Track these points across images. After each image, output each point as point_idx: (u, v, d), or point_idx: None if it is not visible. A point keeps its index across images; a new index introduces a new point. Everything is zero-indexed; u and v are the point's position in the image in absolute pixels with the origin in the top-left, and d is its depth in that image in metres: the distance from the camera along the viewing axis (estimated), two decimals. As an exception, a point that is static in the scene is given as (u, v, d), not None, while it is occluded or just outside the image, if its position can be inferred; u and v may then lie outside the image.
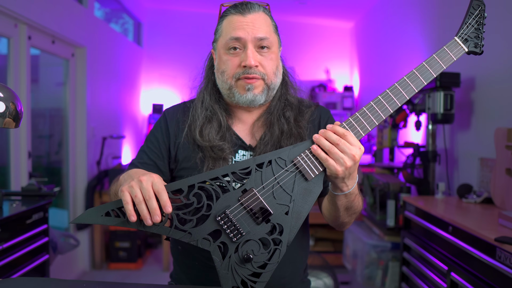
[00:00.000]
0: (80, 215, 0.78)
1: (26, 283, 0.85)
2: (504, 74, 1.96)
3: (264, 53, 1.00)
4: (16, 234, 1.69)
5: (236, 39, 0.98)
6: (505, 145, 1.69)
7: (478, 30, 0.88)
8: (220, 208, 0.81)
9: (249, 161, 0.83)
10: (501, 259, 1.26)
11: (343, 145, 0.81)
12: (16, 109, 0.92)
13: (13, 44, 2.42)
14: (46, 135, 3.13)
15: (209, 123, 1.04)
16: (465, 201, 1.90)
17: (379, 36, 3.95)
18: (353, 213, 0.97)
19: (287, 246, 0.81)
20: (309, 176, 0.83)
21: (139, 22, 4.67)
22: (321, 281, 1.93)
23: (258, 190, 0.82)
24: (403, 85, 0.86)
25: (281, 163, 0.84)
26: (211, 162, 1.00)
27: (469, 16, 0.88)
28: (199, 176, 0.82)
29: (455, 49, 0.87)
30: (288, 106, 1.07)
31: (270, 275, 0.80)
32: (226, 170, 0.82)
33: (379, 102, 0.85)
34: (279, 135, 1.03)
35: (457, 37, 0.88)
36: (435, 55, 0.87)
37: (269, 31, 1.01)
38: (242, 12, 0.99)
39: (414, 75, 0.86)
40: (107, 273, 3.32)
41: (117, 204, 0.79)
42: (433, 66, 0.86)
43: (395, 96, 0.85)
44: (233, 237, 0.80)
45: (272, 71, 1.01)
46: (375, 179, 2.60)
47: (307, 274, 1.18)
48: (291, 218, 0.82)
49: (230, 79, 1.00)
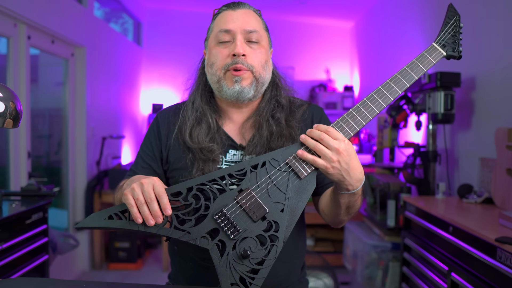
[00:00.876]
0: (84, 219, 0.82)
1: (26, 284, 0.86)
2: (504, 73, 1.96)
3: (253, 46, 1.02)
4: (15, 234, 1.68)
5: (226, 31, 1.01)
6: (505, 145, 1.69)
7: (454, 36, 0.97)
8: (218, 207, 0.84)
9: (244, 163, 0.88)
10: (501, 260, 1.25)
11: (326, 140, 0.84)
12: (15, 109, 0.92)
13: (12, 44, 2.41)
14: (46, 135, 3.13)
15: (198, 125, 1.05)
16: (465, 201, 1.90)
17: (379, 36, 3.95)
18: (352, 212, 0.98)
19: (284, 243, 0.83)
20: (302, 175, 0.87)
21: (139, 21, 4.67)
22: (321, 281, 1.93)
23: (253, 189, 0.86)
24: (387, 87, 0.92)
25: (275, 164, 0.88)
26: (201, 164, 1.01)
27: (445, 24, 0.97)
28: (198, 179, 0.86)
29: (433, 53, 0.95)
30: (278, 107, 1.07)
31: (268, 271, 0.81)
32: (223, 173, 0.87)
33: (365, 104, 0.91)
34: (268, 136, 1.03)
35: (435, 42, 0.97)
36: (415, 59, 0.95)
37: (258, 26, 1.03)
38: (233, 8, 1.03)
39: (397, 78, 0.93)
40: (107, 274, 3.32)
41: (119, 208, 0.84)
42: (414, 69, 0.94)
43: (379, 98, 0.92)
44: (230, 234, 0.82)
45: (260, 63, 1.02)
46: (375, 179, 2.60)
47: (305, 273, 1.17)
48: (286, 215, 0.85)
49: (219, 70, 1.01)
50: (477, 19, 2.18)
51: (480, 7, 2.16)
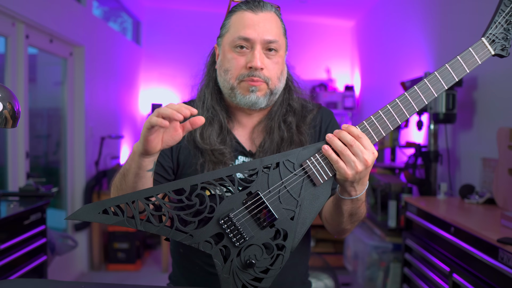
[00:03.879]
0: (76, 211, 0.74)
1: (24, 285, 0.85)
2: (506, 73, 1.95)
3: (271, 56, 0.97)
4: (13, 235, 1.68)
5: (245, 39, 0.95)
6: (507, 145, 1.68)
7: (507, 30, 0.80)
8: (224, 210, 0.78)
9: (255, 162, 0.80)
10: (503, 260, 1.25)
11: (356, 148, 0.77)
12: (13, 109, 0.91)
13: (10, 43, 2.40)
14: (44, 135, 3.11)
15: (210, 125, 1.01)
16: (467, 201, 1.89)
17: (380, 35, 3.94)
18: (356, 220, 0.94)
19: (291, 252, 0.79)
20: (318, 182, 0.80)
21: (138, 21, 4.65)
22: (322, 282, 1.91)
23: (264, 194, 0.79)
24: (423, 88, 0.79)
25: (289, 166, 0.80)
26: (212, 166, 0.98)
27: (499, 14, 0.79)
28: (203, 175, 0.78)
29: (481, 51, 0.80)
30: (290, 111, 1.05)
31: (272, 281, 0.78)
32: (231, 171, 0.79)
33: (396, 106, 0.79)
34: (279, 142, 1.00)
35: (484, 38, 0.80)
36: (459, 57, 0.80)
37: (278, 33, 0.98)
38: (254, 10, 0.96)
39: (436, 78, 0.80)
40: (106, 275, 3.30)
41: (116, 201, 0.75)
42: (456, 69, 0.80)
43: (413, 100, 0.79)
44: (236, 242, 0.77)
45: (277, 75, 0.98)
46: (376, 180, 2.59)
47: (308, 275, 1.16)
48: (296, 224, 0.79)
49: (233, 79, 0.97)
50: (479, 16, 2.17)
51: (482, 3, 2.15)
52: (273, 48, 0.97)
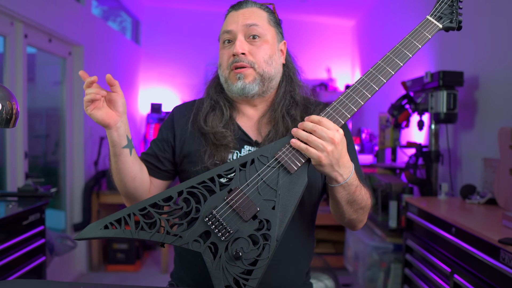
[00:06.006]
0: (82, 230, 0.84)
1: (23, 285, 0.86)
2: (508, 73, 1.94)
3: (255, 42, 1.02)
4: (12, 236, 1.67)
5: (227, 32, 1.03)
6: (509, 145, 1.68)
7: (452, 6, 0.92)
8: (208, 209, 0.84)
9: (233, 162, 0.87)
10: (505, 261, 1.24)
11: (320, 131, 0.83)
12: (12, 109, 0.91)
13: (9, 42, 2.39)
14: (43, 135, 3.10)
15: (212, 111, 1.08)
16: (468, 202, 1.88)
17: (381, 34, 3.94)
18: (358, 208, 0.96)
19: (277, 241, 0.82)
20: (292, 169, 0.85)
21: (137, 20, 4.64)
22: (322, 283, 1.91)
23: (243, 187, 0.85)
24: (379, 69, 0.88)
25: (264, 160, 0.87)
26: (213, 149, 1.02)
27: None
28: (187, 182, 0.86)
29: (428, 27, 0.91)
30: (293, 103, 1.08)
31: (262, 272, 0.80)
32: (212, 174, 0.87)
33: (356, 89, 0.88)
34: (284, 132, 1.03)
35: (430, 15, 0.92)
36: (408, 36, 0.90)
37: (260, 20, 1.04)
38: (236, 8, 1.06)
39: (390, 58, 0.89)
40: (105, 275, 3.30)
41: (114, 217, 0.85)
42: (407, 47, 0.89)
43: (371, 81, 0.88)
44: (221, 236, 0.82)
45: (263, 59, 1.03)
46: (377, 180, 2.58)
47: (309, 277, 1.16)
48: (278, 212, 0.83)
49: (225, 71, 1.05)
50: (480, 17, 2.16)
51: (483, 5, 2.14)
52: (256, 34, 1.02)
